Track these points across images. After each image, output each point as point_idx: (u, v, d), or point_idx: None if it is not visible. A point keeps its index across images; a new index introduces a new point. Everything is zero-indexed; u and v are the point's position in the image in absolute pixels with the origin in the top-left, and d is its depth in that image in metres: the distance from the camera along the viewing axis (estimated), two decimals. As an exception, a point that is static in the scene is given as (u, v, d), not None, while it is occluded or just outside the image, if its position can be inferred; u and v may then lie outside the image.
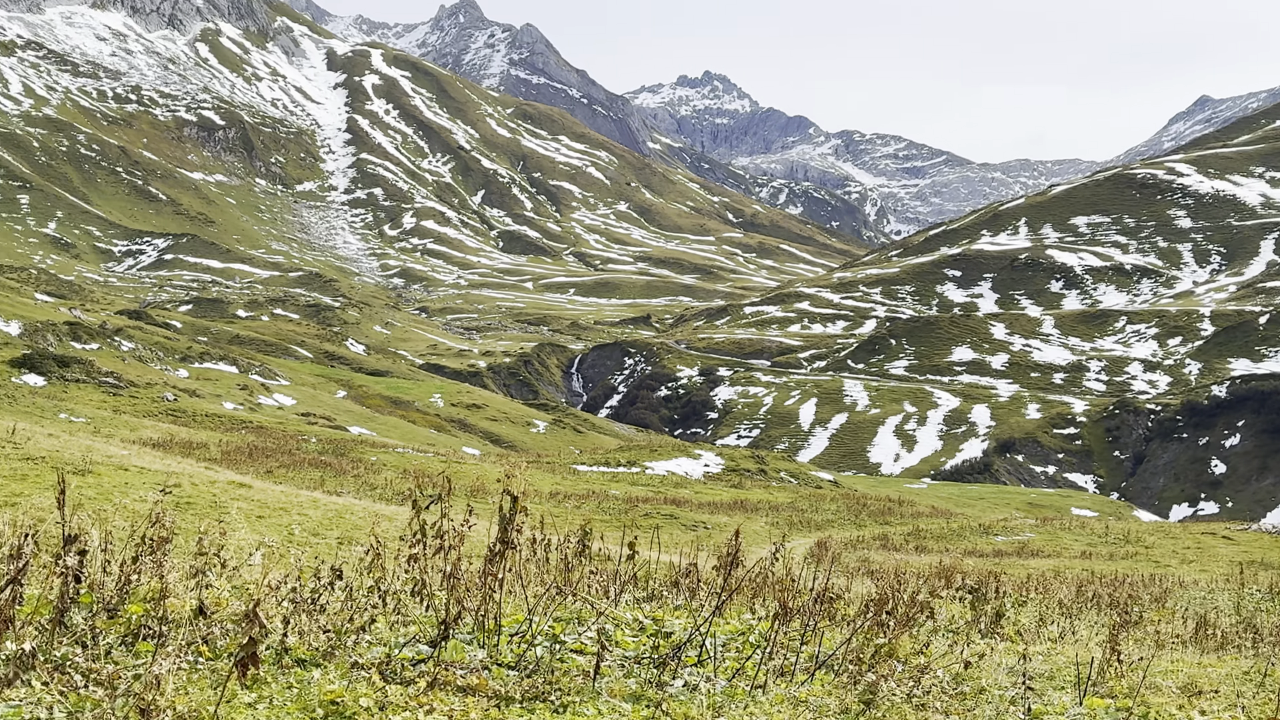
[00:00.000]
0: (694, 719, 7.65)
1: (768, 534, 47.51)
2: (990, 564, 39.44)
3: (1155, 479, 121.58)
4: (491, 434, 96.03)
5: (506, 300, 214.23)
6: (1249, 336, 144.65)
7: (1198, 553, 50.72)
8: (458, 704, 7.18)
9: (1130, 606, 19.63)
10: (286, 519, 25.15)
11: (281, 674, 7.44)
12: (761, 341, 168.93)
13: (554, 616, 10.07)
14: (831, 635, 10.87)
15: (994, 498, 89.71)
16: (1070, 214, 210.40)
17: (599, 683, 8.15)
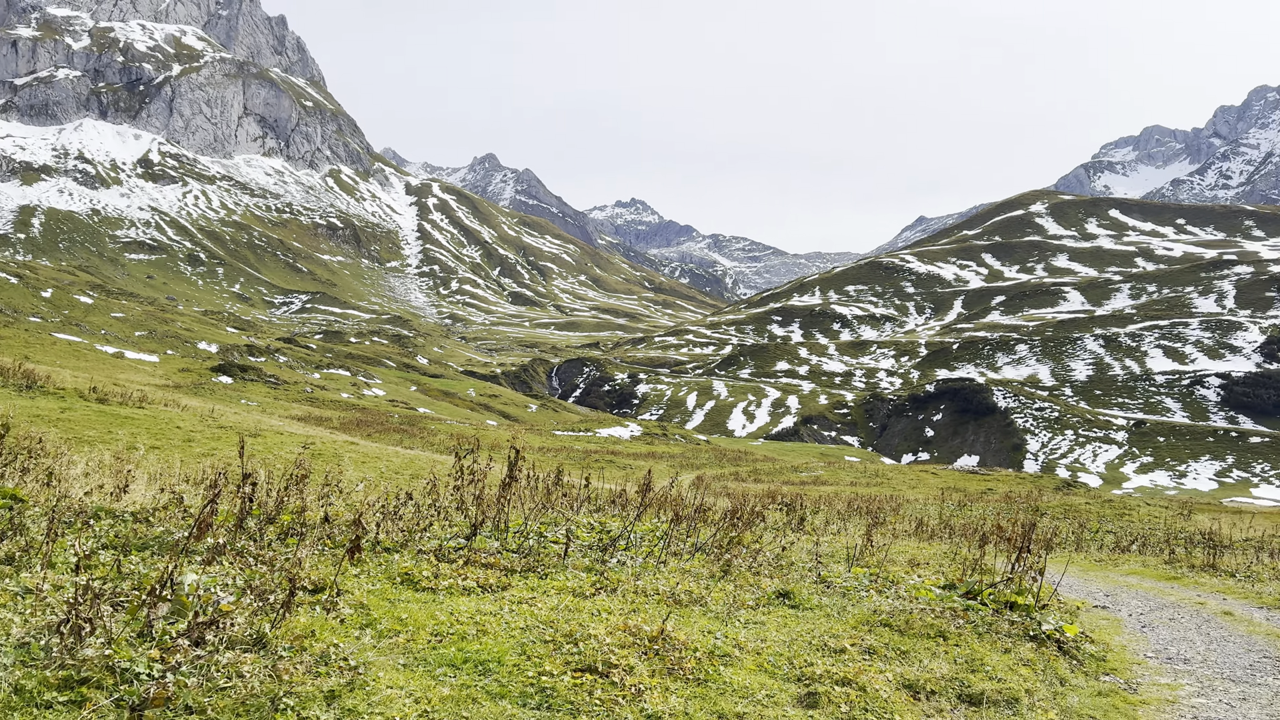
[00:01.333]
0: (623, 581, 8.28)
1: (668, 472, 49.67)
2: (797, 489, 39.95)
3: (893, 439, 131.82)
4: (504, 413, 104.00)
5: (513, 333, 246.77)
6: (947, 356, 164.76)
7: (918, 482, 53.98)
8: (482, 574, 7.85)
9: (878, 514, 23.47)
10: (379, 463, 26.08)
11: (375, 556, 8.02)
12: (664, 358, 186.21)
13: (540, 521, 10.59)
14: (705, 532, 11.38)
15: (800, 450, 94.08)
16: (845, 284, 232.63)
17: (567, 560, 8.74)
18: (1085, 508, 38.87)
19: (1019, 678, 7.53)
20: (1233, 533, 28.05)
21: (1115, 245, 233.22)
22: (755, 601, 8.47)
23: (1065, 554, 19.42)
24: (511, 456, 9.70)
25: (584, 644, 6.32)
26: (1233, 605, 13.64)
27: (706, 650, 6.70)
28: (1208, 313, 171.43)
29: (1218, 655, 10.06)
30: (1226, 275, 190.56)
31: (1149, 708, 7.88)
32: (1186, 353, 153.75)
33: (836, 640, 7.50)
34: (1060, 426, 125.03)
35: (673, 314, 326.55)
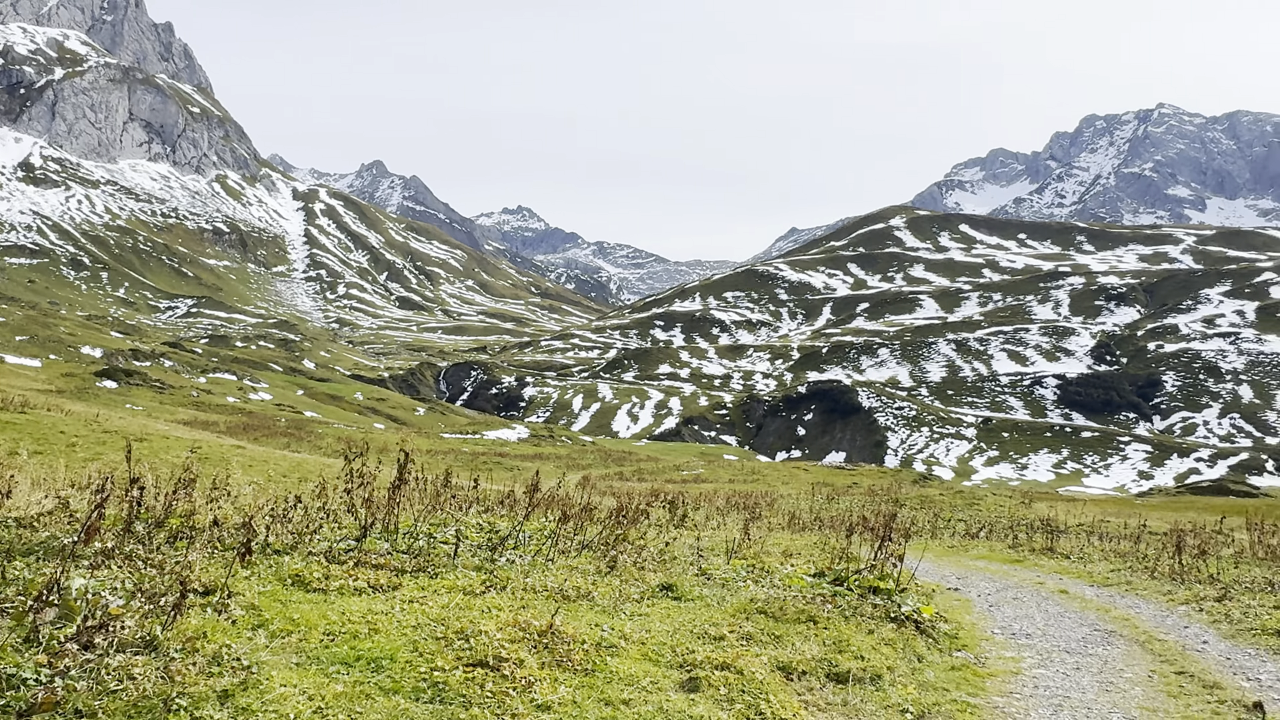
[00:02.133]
0: (512, 578, 8.22)
1: (555, 472, 48.66)
2: (679, 487, 40.05)
3: (768, 438, 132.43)
4: (392, 416, 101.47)
5: (401, 337, 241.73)
6: (817, 359, 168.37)
7: (791, 478, 53.95)
8: (373, 575, 7.67)
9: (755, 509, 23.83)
10: (267, 467, 25.67)
11: (265, 559, 7.84)
12: (551, 361, 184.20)
13: (430, 522, 10.44)
14: (591, 530, 11.21)
15: (682, 450, 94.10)
16: (723, 290, 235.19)
17: (457, 560, 8.64)
18: (940, 498, 40.20)
19: (881, 656, 7.79)
20: (1067, 519, 29.41)
21: (965, 257, 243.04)
22: (640, 595, 8.53)
23: (922, 541, 20.07)
24: (400, 459, 9.52)
25: (475, 640, 6.27)
26: (1068, 584, 14.33)
27: (594, 642, 6.73)
28: (1045, 320, 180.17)
29: (1055, 630, 10.58)
30: (1061, 286, 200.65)
31: (995, 679, 8.24)
32: (1027, 356, 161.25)
33: (716, 628, 7.63)
34: (917, 424, 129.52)
35: (559, 319, 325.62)
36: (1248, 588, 13.37)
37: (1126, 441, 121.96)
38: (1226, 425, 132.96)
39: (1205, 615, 11.58)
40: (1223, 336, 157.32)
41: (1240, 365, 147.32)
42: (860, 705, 6.75)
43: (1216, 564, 15.92)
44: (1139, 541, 20.45)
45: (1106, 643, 9.94)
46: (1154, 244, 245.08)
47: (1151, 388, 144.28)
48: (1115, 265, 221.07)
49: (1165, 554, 16.21)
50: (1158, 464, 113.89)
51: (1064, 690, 8.03)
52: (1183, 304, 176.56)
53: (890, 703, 6.90)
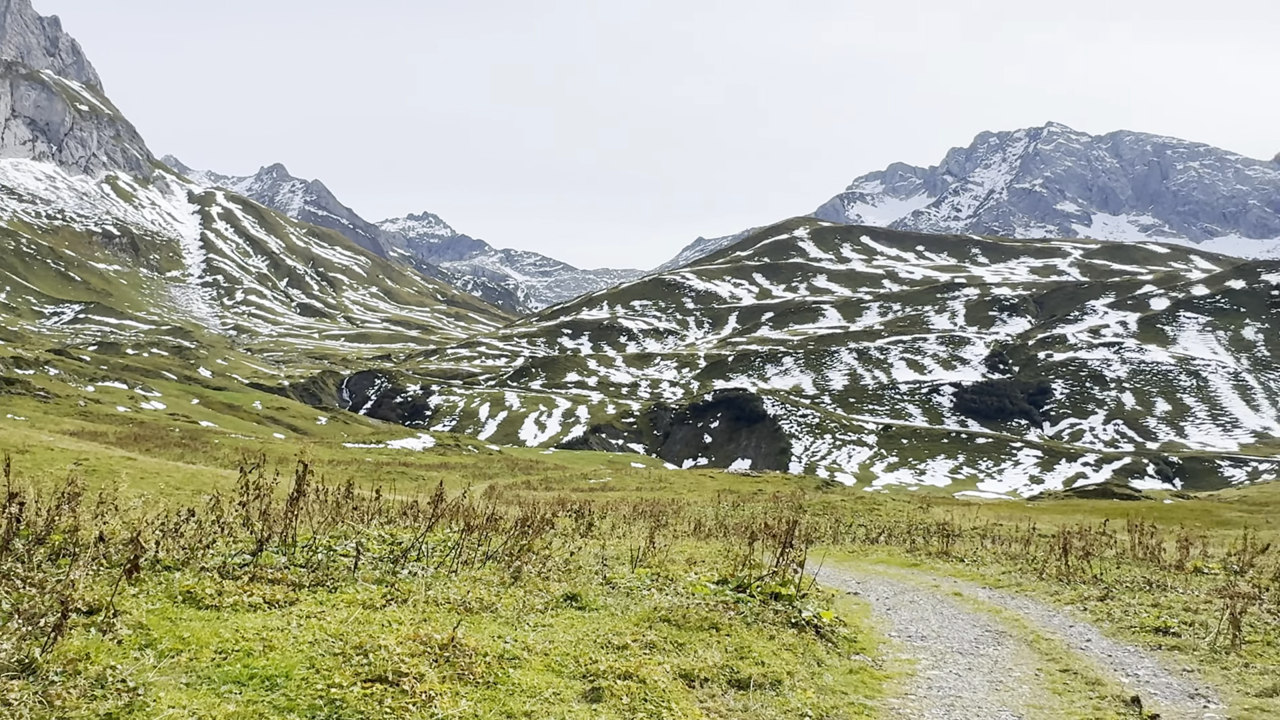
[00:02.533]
0: (414, 591, 8.10)
1: (461, 482, 45.63)
2: (586, 496, 39.96)
3: (675, 446, 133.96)
4: (293, 426, 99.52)
5: (302, 345, 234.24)
6: (723, 368, 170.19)
7: (697, 486, 54.70)
8: (269, 590, 7.54)
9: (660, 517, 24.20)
10: (159, 480, 24.88)
11: (154, 575, 7.60)
12: (457, 370, 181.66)
13: (330, 535, 10.31)
14: (496, 540, 11.16)
15: (590, 458, 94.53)
16: (631, 299, 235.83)
17: (357, 573, 8.52)
18: (841, 504, 40.97)
19: (782, 661, 7.90)
20: (963, 523, 30.37)
21: (866, 268, 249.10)
22: (544, 605, 8.51)
23: (824, 547, 20.51)
24: (299, 470, 9.37)
25: (374, 655, 6.17)
26: (962, 587, 14.80)
27: (496, 654, 6.69)
28: (943, 329, 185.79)
29: (949, 631, 10.91)
30: (958, 297, 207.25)
31: (892, 681, 8.46)
32: (925, 364, 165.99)
33: (620, 637, 7.66)
34: (821, 431, 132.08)
35: (465, 326, 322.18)
36: (1128, 587, 14.00)
37: (1019, 447, 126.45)
38: (1111, 431, 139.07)
39: (1089, 614, 12.08)
40: (1107, 346, 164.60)
41: (1123, 374, 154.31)
42: (760, 711, 6.82)
43: (1100, 565, 16.61)
44: (1029, 544, 21.21)
45: (997, 643, 10.28)
46: (1044, 257, 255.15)
47: (1041, 395, 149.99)
48: (1008, 277, 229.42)
49: (1053, 556, 16.84)
50: (1048, 469, 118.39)
51: (956, 690, 8.28)
52: (1070, 315, 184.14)
53: (790, 707, 6.99)
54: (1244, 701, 8.11)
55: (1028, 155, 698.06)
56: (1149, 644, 10.30)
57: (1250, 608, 11.61)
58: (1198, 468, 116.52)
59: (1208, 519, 44.72)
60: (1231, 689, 8.50)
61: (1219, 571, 16.39)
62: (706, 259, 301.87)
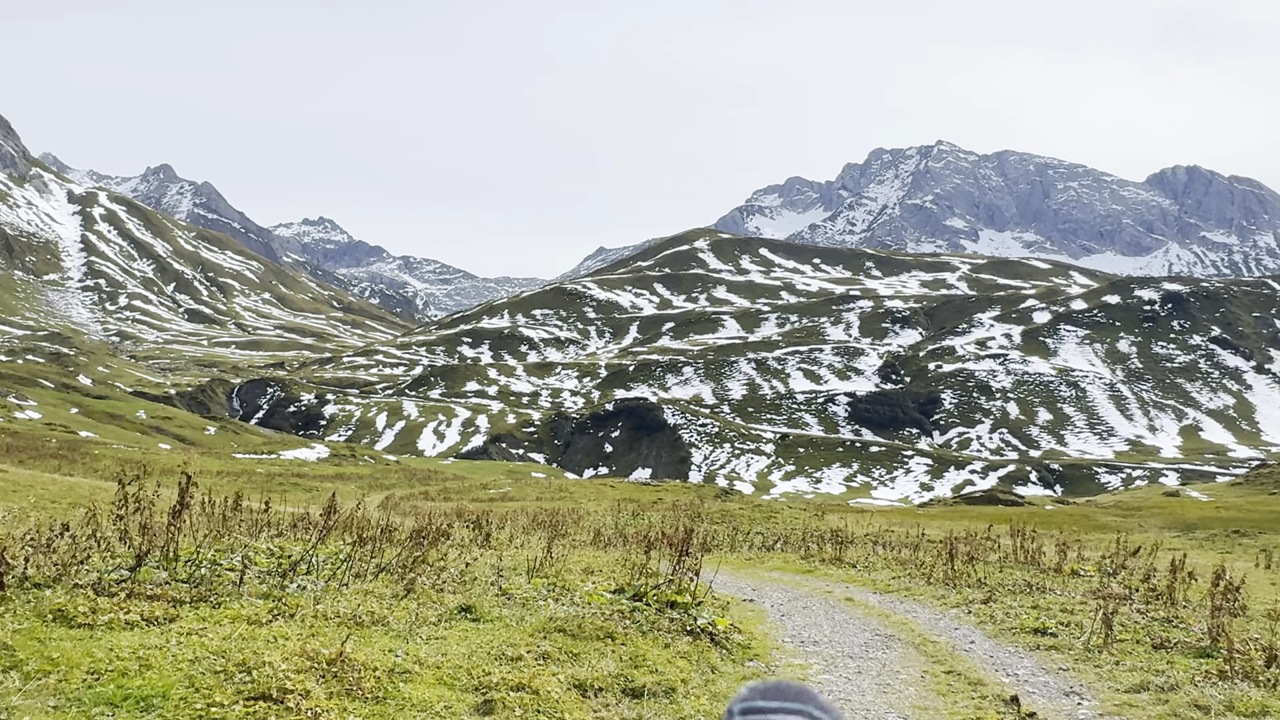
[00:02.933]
0: (302, 605, 7.97)
1: (356, 493, 47.51)
2: (485, 506, 39.68)
3: (576, 455, 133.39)
4: (180, 436, 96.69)
5: (191, 352, 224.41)
6: (624, 377, 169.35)
7: (598, 495, 54.76)
8: (147, 606, 7.30)
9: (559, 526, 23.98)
10: (32, 493, 24.08)
11: (23, 594, 7.35)
12: (354, 378, 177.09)
13: (215, 549, 10.05)
14: (390, 552, 11.10)
15: (489, 468, 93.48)
16: (532, 308, 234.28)
17: (243, 588, 8.35)
18: (739, 512, 41.59)
19: (676, 669, 7.96)
20: (856, 530, 31.11)
21: (765, 280, 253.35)
22: (438, 618, 8.42)
23: (721, 554, 20.87)
24: (182, 481, 9.12)
25: (258, 672, 6.01)
26: (854, 592, 15.17)
27: (387, 669, 6.58)
28: (838, 340, 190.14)
29: (841, 636, 11.15)
30: (852, 308, 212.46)
31: (785, 687, 8.59)
32: (821, 375, 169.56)
33: (514, 649, 7.62)
34: (720, 440, 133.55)
35: (362, 334, 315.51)
36: (1010, 590, 14.54)
37: (910, 456, 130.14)
38: (997, 439, 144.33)
39: (973, 617, 12.51)
40: (993, 358, 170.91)
41: (1008, 384, 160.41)
42: (654, 719, 6.86)
43: (984, 569, 17.22)
44: (918, 550, 21.86)
45: (886, 647, 10.55)
46: (934, 271, 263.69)
47: (932, 405, 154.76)
48: (900, 290, 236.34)
49: (940, 561, 17.38)
50: (937, 476, 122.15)
51: (846, 693, 8.47)
52: (959, 327, 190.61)
53: (683, 715, 7.04)
54: (1114, 697, 8.51)
55: (919, 172, 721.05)
56: (1028, 645, 10.71)
57: (1121, 608, 12.19)
58: (1076, 474, 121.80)
59: (1085, 524, 46.76)
60: (1103, 686, 8.91)
61: (1094, 574, 17.16)
62: (608, 268, 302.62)
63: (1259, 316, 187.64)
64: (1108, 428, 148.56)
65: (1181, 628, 11.33)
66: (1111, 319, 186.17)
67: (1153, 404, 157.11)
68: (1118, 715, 8.01)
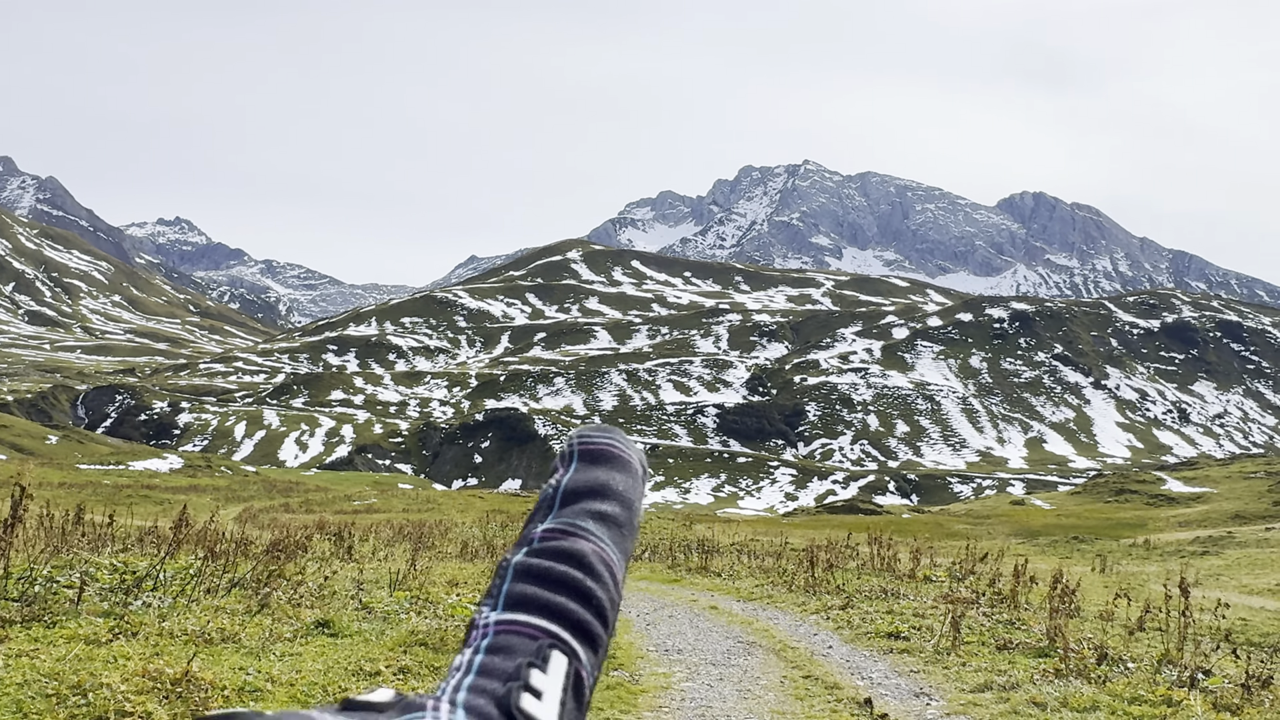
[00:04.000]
0: (146, 623, 7.67)
1: (211, 505, 43.67)
2: (349, 518, 39.26)
3: (445, 466, 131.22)
4: (16, 445, 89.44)
5: (30, 357, 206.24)
6: (495, 387, 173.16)
7: (467, 506, 54.75)
8: None
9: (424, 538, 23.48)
10: None
11: None
12: (211, 386, 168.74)
13: (52, 565, 9.69)
14: (245, 566, 11.00)
15: (355, 479, 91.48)
16: (401, 316, 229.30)
17: (81, 606, 7.99)
18: (609, 523, 41.77)
19: (540, 681, 7.92)
20: (723, 539, 31.72)
21: (636, 292, 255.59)
22: (294, 633, 8.21)
23: (589, 565, 20.76)
24: (15, 494, 8.60)
25: (94, 694, 5.71)
26: (719, 600, 15.43)
27: (236, 687, 6.36)
28: (707, 353, 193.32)
29: (704, 644, 11.34)
30: (721, 321, 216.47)
31: (647, 695, 8.68)
32: (691, 386, 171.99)
33: (373, 663, 7.48)
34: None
35: (221, 340, 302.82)
36: (867, 596, 15.05)
37: (776, 466, 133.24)
38: (858, 450, 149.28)
39: (831, 623, 12.89)
40: (855, 371, 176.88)
41: (869, 397, 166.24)
42: (517, 731, 6.82)
43: (843, 576, 17.77)
44: (781, 558, 22.38)
45: (748, 653, 10.77)
46: (800, 286, 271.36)
47: (797, 417, 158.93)
48: (767, 304, 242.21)
49: (802, 569, 17.85)
50: (801, 486, 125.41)
51: (708, 700, 8.61)
52: (823, 341, 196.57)
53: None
54: (960, 697, 8.90)
55: (787, 190, 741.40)
56: (883, 648, 11.11)
57: (969, 611, 12.77)
58: (931, 484, 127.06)
59: (939, 531, 48.82)
60: (950, 686, 9.31)
61: (945, 579, 17.92)
62: (480, 277, 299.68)
63: (1096, 335, 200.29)
64: (960, 439, 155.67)
65: (1023, 629, 11.94)
66: (965, 335, 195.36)
67: (1001, 417, 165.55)
68: (963, 714, 8.39)
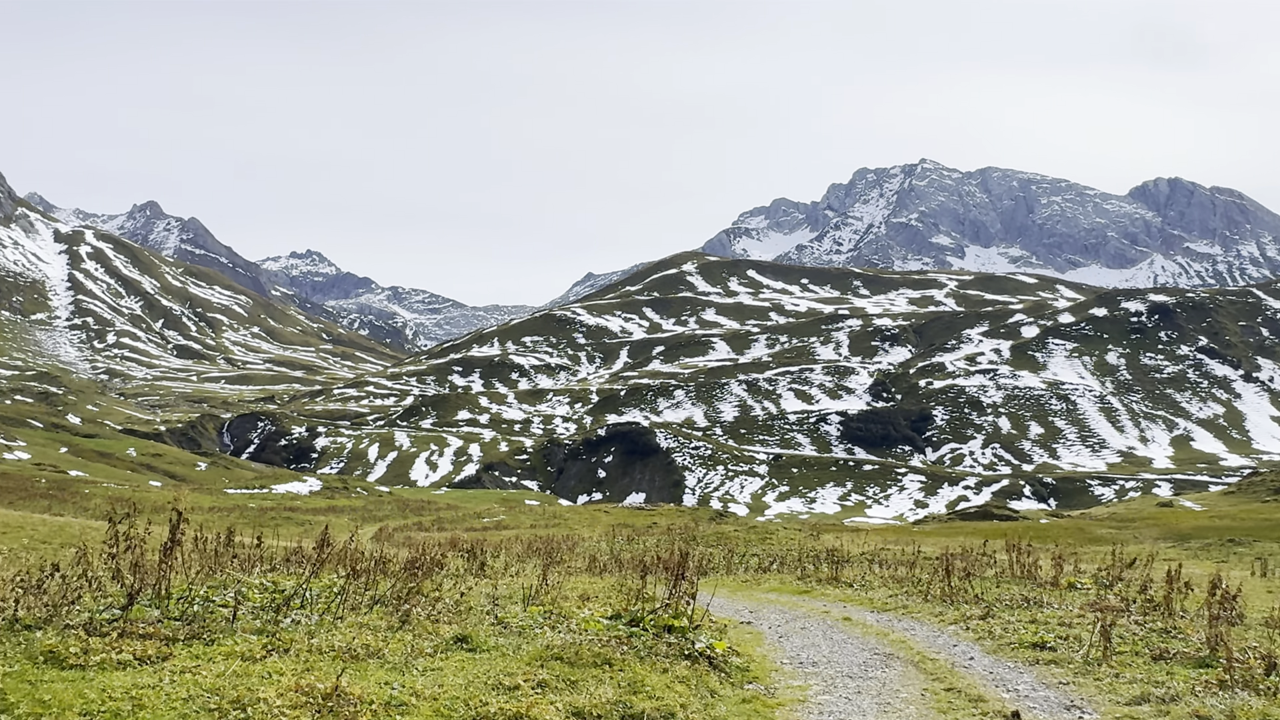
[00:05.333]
0: (296, 640, 7.96)
1: (349, 526, 48.77)
2: (479, 535, 40.28)
3: (570, 481, 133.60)
4: (170, 473, 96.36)
5: (179, 388, 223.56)
6: (616, 402, 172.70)
7: (592, 521, 56.55)
8: (140, 645, 7.30)
9: (554, 554, 23.71)
10: (22, 534, 24.14)
11: (13, 635, 7.36)
12: (345, 410, 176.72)
13: (208, 585, 10.16)
14: (385, 583, 11.15)
15: (483, 497, 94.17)
16: (522, 335, 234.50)
17: (236, 624, 8.37)
18: (734, 534, 41.53)
19: (675, 694, 7.90)
20: (852, 549, 31.01)
21: (753, 301, 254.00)
22: (434, 648, 8.38)
23: (717, 577, 20.74)
24: (173, 518, 9.09)
25: (252, 709, 5.99)
26: (851, 611, 15.09)
27: (383, 701, 6.53)
28: (828, 360, 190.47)
29: (839, 656, 11.09)
30: (841, 328, 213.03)
31: (784, 708, 8.55)
32: (812, 394, 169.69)
33: (511, 678, 7.58)
34: (713, 462, 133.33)
35: (352, 366, 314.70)
36: (1008, 605, 14.49)
37: (903, 473, 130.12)
38: (989, 454, 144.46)
39: (971, 633, 12.45)
40: (983, 373, 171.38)
41: (999, 399, 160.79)
42: (654, 745, 6.83)
43: (981, 584, 17.16)
44: (914, 567, 21.77)
45: (885, 665, 10.49)
46: (921, 288, 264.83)
47: (923, 422, 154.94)
48: (888, 308, 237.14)
49: (937, 578, 17.33)
50: (931, 493, 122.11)
51: (846, 714, 8.42)
52: (948, 343, 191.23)
53: (684, 740, 7.02)
54: (1115, 710, 8.47)
55: (904, 191, 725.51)
56: (1028, 659, 10.66)
57: (1119, 620, 12.16)
58: (1070, 488, 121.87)
59: (1080, 536, 46.72)
60: (1104, 699, 8.87)
61: (1091, 586, 17.11)
62: (597, 294, 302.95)
63: (1245, 325, 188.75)
64: (1099, 440, 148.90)
65: (1180, 638, 11.30)
66: (1099, 331, 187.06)
67: (1143, 415, 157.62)
68: (1119, 728, 7.98)
